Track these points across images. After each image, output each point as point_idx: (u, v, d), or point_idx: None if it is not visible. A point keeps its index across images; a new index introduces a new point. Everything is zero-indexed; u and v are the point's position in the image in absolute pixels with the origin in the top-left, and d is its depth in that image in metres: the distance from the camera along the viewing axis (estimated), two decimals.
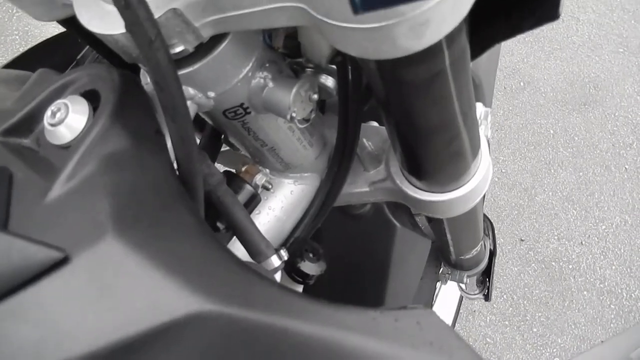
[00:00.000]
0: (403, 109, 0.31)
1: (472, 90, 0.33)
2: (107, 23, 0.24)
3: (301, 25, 0.30)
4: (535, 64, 1.98)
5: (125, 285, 0.19)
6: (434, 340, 0.21)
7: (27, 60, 0.47)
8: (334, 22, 0.22)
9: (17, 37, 1.81)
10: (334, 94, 0.38)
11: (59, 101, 0.25)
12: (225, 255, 0.22)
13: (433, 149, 0.36)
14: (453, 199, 0.42)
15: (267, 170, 0.43)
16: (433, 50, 0.25)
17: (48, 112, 0.24)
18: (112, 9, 0.24)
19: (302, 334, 0.19)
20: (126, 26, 0.21)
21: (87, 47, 0.54)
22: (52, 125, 0.24)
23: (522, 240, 1.62)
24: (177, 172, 0.27)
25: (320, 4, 0.21)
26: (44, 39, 0.51)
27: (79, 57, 0.55)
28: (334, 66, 0.36)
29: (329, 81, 0.37)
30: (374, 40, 0.22)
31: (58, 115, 0.24)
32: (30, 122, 0.25)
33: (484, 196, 0.47)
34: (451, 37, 0.25)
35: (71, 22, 0.34)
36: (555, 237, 1.62)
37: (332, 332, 0.19)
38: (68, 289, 0.19)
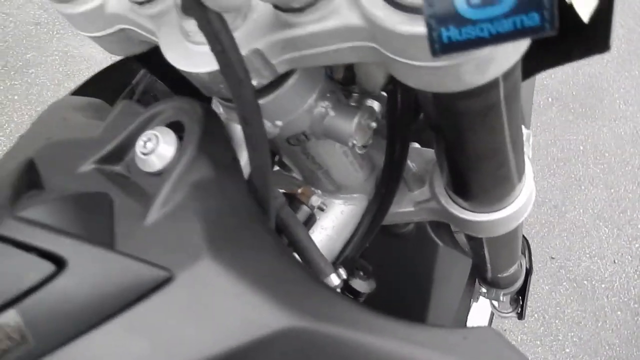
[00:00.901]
0: (456, 136, 0.33)
1: (521, 117, 0.34)
2: (193, 62, 0.27)
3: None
4: (564, 80, 1.97)
5: (221, 303, 0.21)
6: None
7: (92, 87, 0.51)
8: (406, 61, 0.23)
9: (57, 57, 1.88)
10: (380, 117, 0.39)
11: (149, 132, 0.27)
12: (304, 272, 0.24)
13: (482, 173, 0.37)
14: (498, 219, 0.43)
15: (320, 192, 0.45)
16: (490, 84, 0.26)
17: (140, 142, 0.27)
18: (198, 50, 0.27)
19: (382, 350, 0.21)
20: (221, 68, 0.23)
21: (139, 74, 0.57)
22: (144, 154, 0.26)
23: (552, 258, 1.60)
24: (253, 196, 0.29)
25: (395, 46, 0.23)
26: (86, 59, 0.55)
27: (133, 82, 0.58)
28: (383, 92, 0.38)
29: (375, 105, 0.39)
30: (439, 75, 0.24)
31: (149, 145, 0.26)
32: (122, 150, 0.28)
33: None
34: (508, 70, 0.26)
35: (141, 57, 0.37)
36: (587, 255, 1.60)
37: (411, 349, 0.21)
38: (173, 306, 0.21)
